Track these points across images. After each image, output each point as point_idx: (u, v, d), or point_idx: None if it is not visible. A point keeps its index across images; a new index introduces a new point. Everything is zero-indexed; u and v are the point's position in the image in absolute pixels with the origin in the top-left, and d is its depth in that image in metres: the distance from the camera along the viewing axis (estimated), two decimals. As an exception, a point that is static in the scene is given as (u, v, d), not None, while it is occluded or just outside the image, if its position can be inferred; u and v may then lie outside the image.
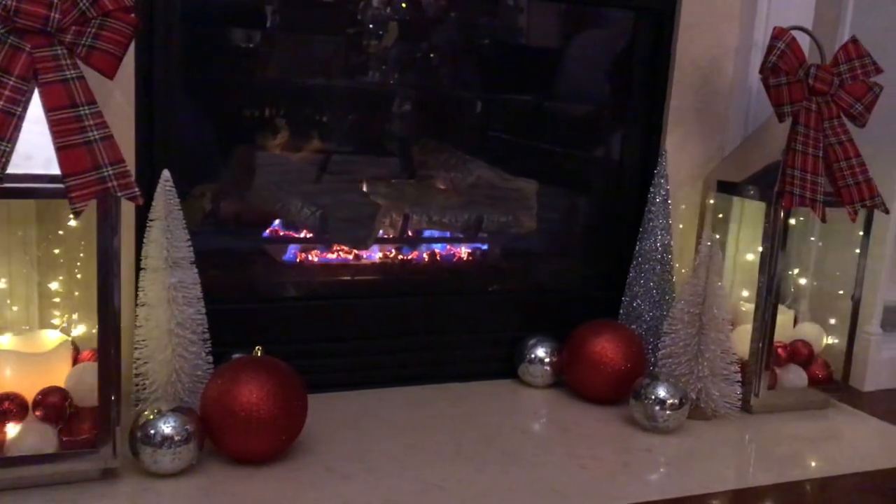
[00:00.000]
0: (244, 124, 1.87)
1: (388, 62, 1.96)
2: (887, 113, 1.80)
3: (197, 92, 1.69)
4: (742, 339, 1.75)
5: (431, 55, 2.02)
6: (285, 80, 1.91)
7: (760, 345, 1.72)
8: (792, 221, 1.71)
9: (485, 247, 2.01)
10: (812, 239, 1.94)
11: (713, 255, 1.63)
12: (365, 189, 1.94)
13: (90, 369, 1.27)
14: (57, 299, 1.41)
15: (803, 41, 1.70)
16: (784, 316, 1.81)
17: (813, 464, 1.58)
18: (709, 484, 1.43)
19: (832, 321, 1.87)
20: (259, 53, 1.87)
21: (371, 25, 1.91)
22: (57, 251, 1.39)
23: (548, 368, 1.79)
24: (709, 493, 1.40)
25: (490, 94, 2.10)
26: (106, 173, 1.15)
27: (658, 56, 1.88)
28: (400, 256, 1.93)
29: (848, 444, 1.70)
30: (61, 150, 1.14)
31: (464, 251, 1.99)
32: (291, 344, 1.62)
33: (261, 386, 1.32)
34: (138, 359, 1.40)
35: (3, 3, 1.11)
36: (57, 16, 1.14)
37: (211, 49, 1.78)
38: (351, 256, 1.87)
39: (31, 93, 1.15)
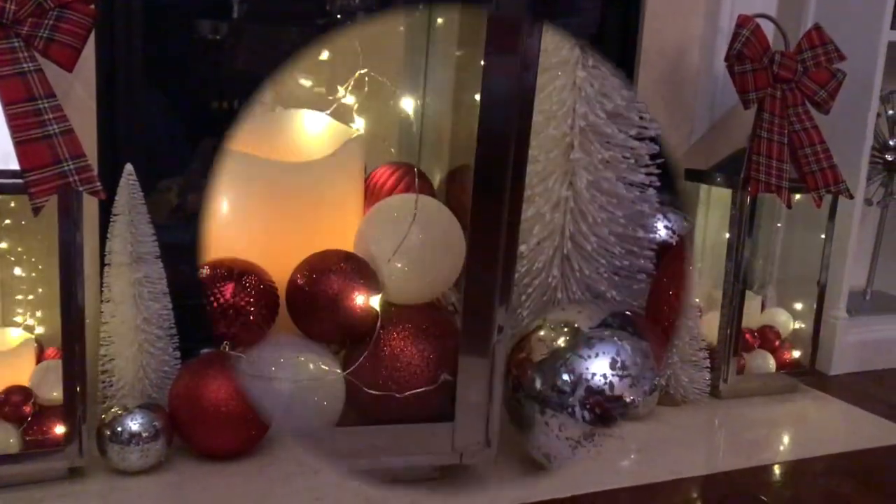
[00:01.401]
0: (210, 116, 1.85)
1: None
2: (851, 99, 1.82)
3: (161, 83, 1.67)
4: (711, 326, 1.76)
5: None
6: (252, 71, 1.89)
7: (729, 331, 1.73)
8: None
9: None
10: (778, 225, 1.96)
11: (681, 243, 1.64)
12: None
13: (54, 367, 1.25)
14: (20, 296, 1.38)
15: (767, 28, 1.71)
16: (752, 302, 1.83)
17: (782, 447, 1.60)
18: (680, 469, 1.44)
19: (799, 306, 1.89)
20: (225, 44, 1.84)
21: (339, 16, 1.89)
22: (19, 247, 1.37)
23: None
24: (680, 479, 1.41)
25: (458, 84, 2.09)
26: (66, 168, 1.13)
27: (625, 45, 1.89)
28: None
29: (816, 427, 1.72)
30: (20, 144, 1.12)
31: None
32: (261, 338, 1.60)
33: (229, 381, 1.31)
34: (104, 356, 1.38)
35: (-44, -6, 1.09)
36: (13, 7, 1.12)
37: (175, 40, 1.75)
38: (320, 249, 1.86)
39: (-12, 86, 1.13)
